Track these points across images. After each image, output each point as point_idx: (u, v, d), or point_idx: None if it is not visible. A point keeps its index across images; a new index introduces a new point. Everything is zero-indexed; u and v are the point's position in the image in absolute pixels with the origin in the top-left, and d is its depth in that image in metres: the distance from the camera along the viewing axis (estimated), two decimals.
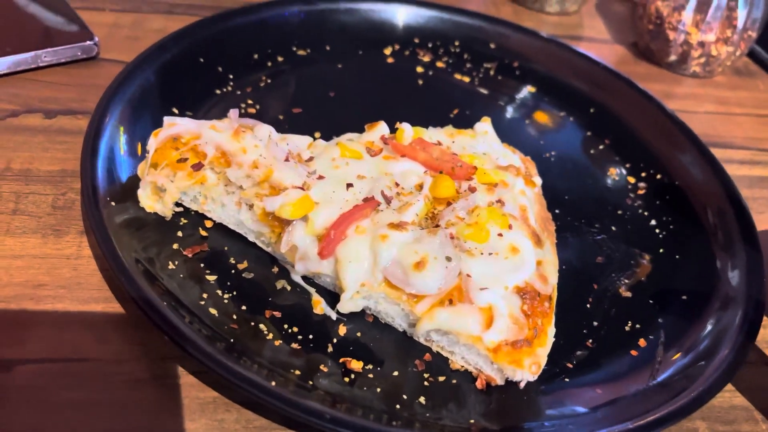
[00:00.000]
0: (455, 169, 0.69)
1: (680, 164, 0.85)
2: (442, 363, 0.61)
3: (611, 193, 0.84)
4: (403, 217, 0.63)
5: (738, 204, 0.77)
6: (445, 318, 0.59)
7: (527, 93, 0.98)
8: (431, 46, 1.01)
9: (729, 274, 0.70)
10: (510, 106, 0.95)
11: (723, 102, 1.09)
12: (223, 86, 0.86)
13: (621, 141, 0.90)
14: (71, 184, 0.71)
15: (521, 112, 0.95)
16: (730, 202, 0.78)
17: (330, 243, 0.61)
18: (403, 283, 0.59)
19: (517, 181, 0.70)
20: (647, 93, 0.93)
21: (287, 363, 0.57)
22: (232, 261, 0.66)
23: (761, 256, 0.71)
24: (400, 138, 0.72)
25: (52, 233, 0.66)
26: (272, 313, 0.61)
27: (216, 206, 0.68)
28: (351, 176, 0.67)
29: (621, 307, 0.69)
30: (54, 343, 0.57)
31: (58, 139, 0.76)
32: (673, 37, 1.09)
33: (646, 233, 0.79)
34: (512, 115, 0.94)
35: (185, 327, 0.55)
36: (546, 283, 0.62)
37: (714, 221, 0.77)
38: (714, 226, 0.76)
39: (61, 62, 0.86)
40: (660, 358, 0.64)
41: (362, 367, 0.59)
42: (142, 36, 0.95)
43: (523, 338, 0.58)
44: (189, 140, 0.67)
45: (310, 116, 0.86)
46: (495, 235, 0.63)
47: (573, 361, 0.63)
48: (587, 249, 0.75)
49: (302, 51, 0.95)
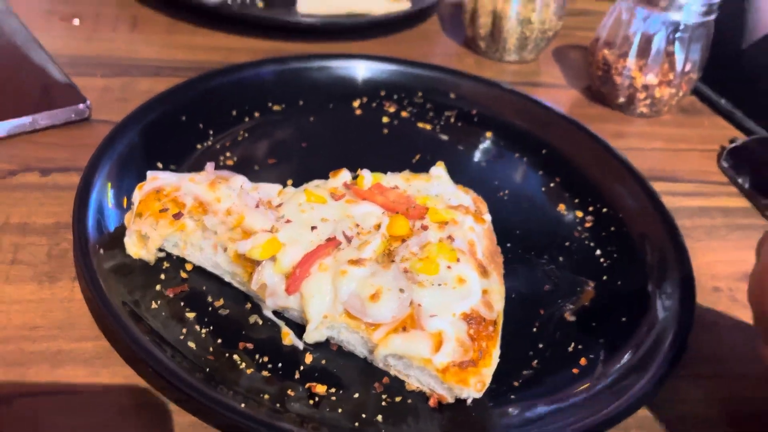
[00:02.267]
0: (409, 209, 0.76)
1: (623, 197, 0.93)
2: (399, 385, 0.68)
3: (561, 227, 0.91)
4: (361, 255, 0.71)
5: (672, 230, 0.84)
6: (399, 343, 0.65)
7: (485, 138, 1.06)
8: (396, 98, 1.10)
9: (662, 297, 0.77)
10: (468, 150, 1.04)
11: (670, 139, 1.18)
12: (204, 141, 0.95)
13: (570, 178, 0.98)
14: (65, 235, 0.78)
15: (479, 155, 1.03)
16: (667, 232, 0.85)
17: (296, 280, 0.68)
18: (361, 314, 0.67)
19: (467, 219, 0.78)
20: (593, 133, 1.02)
21: (259, 389, 0.64)
22: (210, 299, 0.73)
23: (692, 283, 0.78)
24: (361, 183, 0.80)
25: (47, 279, 0.73)
26: (245, 345, 0.68)
27: (195, 250, 0.75)
28: (315, 219, 0.75)
29: (565, 330, 0.76)
30: (50, 378, 0.63)
31: (52, 194, 0.84)
32: (619, 81, 1.18)
33: (591, 262, 0.86)
34: (470, 158, 1.03)
35: (167, 359, 0.62)
36: (491, 310, 0.70)
37: (651, 249, 0.84)
38: (651, 253, 0.84)
39: (56, 125, 0.95)
40: (598, 374, 0.70)
41: (326, 390, 0.65)
42: (131, 97, 1.04)
43: (468, 359, 0.65)
44: (170, 192, 0.75)
45: (283, 166, 0.94)
46: (444, 268, 0.71)
47: (519, 380, 0.70)
48: (536, 278, 0.82)
49: (277, 106, 1.04)
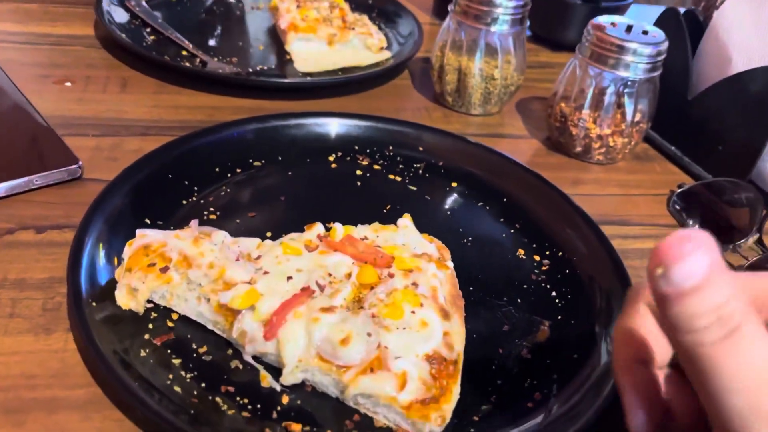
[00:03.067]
0: (377, 259, 0.84)
1: (577, 242, 1.01)
2: (369, 421, 0.74)
3: (519, 271, 0.99)
4: (333, 302, 0.77)
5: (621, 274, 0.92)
6: (367, 384, 0.72)
7: (450, 187, 1.14)
8: (369, 152, 1.18)
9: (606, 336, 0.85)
10: (435, 200, 1.11)
11: (623, 185, 1.27)
12: (189, 197, 1.01)
13: (529, 225, 1.06)
14: (59, 289, 0.84)
15: (445, 204, 1.11)
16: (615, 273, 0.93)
17: (273, 327, 0.75)
18: (333, 357, 0.73)
19: (430, 266, 0.85)
20: (549, 182, 1.10)
21: (240, 429, 0.70)
22: (194, 346, 0.79)
23: None
24: (333, 236, 0.87)
25: (42, 331, 0.79)
26: (227, 388, 0.74)
27: (180, 301, 0.81)
28: (291, 270, 0.81)
29: (522, 366, 0.83)
30: (46, 424, 0.69)
31: (48, 251, 0.90)
32: (576, 132, 1.28)
33: (547, 303, 0.93)
34: (436, 207, 1.10)
35: (155, 404, 0.67)
36: (451, 350, 0.76)
37: (599, 290, 0.92)
38: (599, 294, 0.91)
39: (50, 184, 1.01)
40: (551, 408, 0.77)
41: (301, 428, 0.71)
42: (120, 156, 1.10)
43: (430, 396, 0.71)
44: (157, 248, 0.82)
45: (262, 219, 1.01)
46: (408, 312, 0.77)
47: (479, 415, 0.76)
48: (495, 319, 0.89)
49: (258, 162, 1.12)
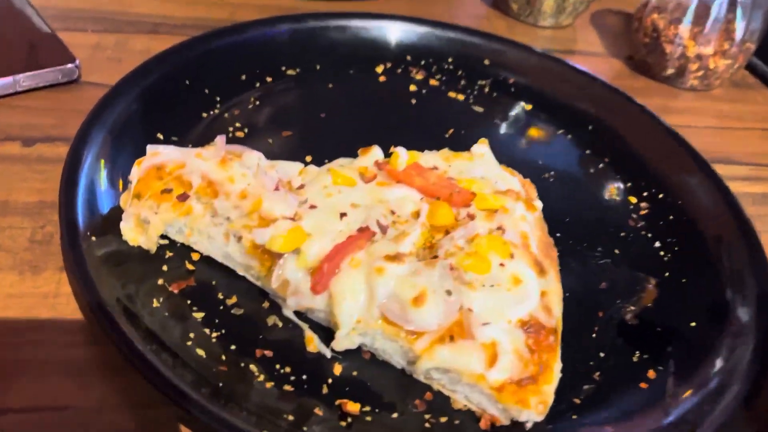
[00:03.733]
0: (453, 195, 0.66)
1: (684, 183, 0.82)
2: (444, 402, 0.58)
3: (613, 215, 0.81)
4: (399, 248, 0.60)
5: (746, 229, 0.74)
6: (446, 355, 0.55)
7: (523, 110, 0.95)
8: (424, 64, 0.98)
9: (739, 301, 0.67)
10: (506, 125, 0.93)
11: (722, 116, 1.07)
12: (210, 109, 0.83)
13: (621, 159, 0.88)
14: (50, 216, 0.67)
15: (517, 130, 0.92)
16: (738, 227, 0.74)
17: (323, 277, 0.58)
18: (402, 320, 0.56)
19: (518, 206, 0.67)
20: (646, 109, 0.91)
21: (279, 408, 0.54)
22: (221, 296, 0.62)
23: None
24: (395, 163, 0.69)
25: (29, 270, 0.62)
26: (263, 353, 0.58)
27: (202, 239, 0.64)
28: (344, 205, 0.64)
29: (627, 335, 0.66)
30: (34, 392, 0.53)
31: (36, 168, 0.73)
32: (669, 50, 1.07)
33: (650, 256, 0.76)
34: (508, 133, 0.91)
35: (169, 372, 0.51)
36: (551, 315, 0.60)
37: (721, 245, 0.74)
38: (721, 249, 0.73)
39: (41, 86, 0.83)
40: (671, 391, 0.61)
41: (360, 409, 0.55)
42: (125, 57, 0.92)
43: (528, 375, 0.55)
44: (173, 170, 0.64)
45: (300, 139, 0.83)
46: (496, 265, 0.60)
47: (580, 396, 0.60)
48: (590, 274, 0.72)
49: (291, 71, 0.92)
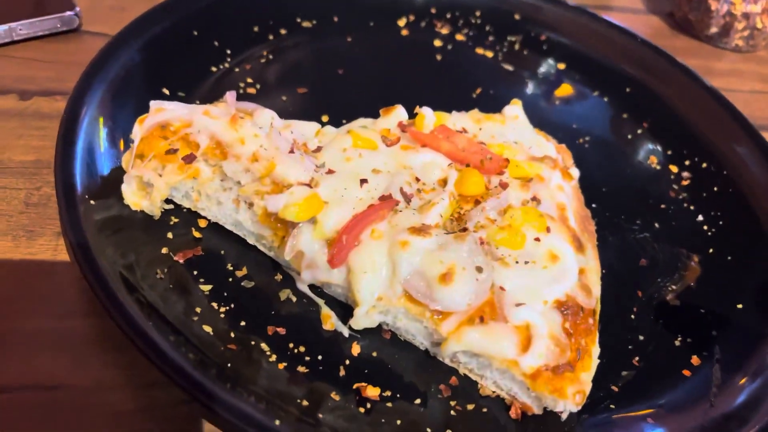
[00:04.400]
0: (484, 161, 0.60)
1: (730, 152, 0.76)
2: (471, 388, 0.54)
3: (653, 185, 0.75)
4: (425, 219, 0.55)
5: None
6: (475, 339, 0.51)
7: (556, 70, 0.88)
8: (450, 17, 0.92)
9: None
10: (538, 85, 0.86)
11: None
12: (220, 63, 0.77)
13: (661, 124, 0.82)
14: (47, 177, 0.63)
15: (550, 91, 0.86)
16: None
17: (342, 249, 0.53)
18: (427, 298, 0.52)
19: (554, 175, 0.62)
20: (690, 70, 0.84)
21: (291, 392, 0.50)
22: (230, 267, 0.58)
23: None
24: (420, 125, 0.63)
25: (24, 234, 0.58)
26: (275, 330, 0.54)
27: (211, 204, 0.59)
28: (365, 170, 0.59)
29: (669, 317, 0.62)
30: (25, 369, 0.49)
31: (33, 124, 0.68)
32: (715, 7, 0.99)
33: (693, 230, 0.70)
34: (540, 94, 0.85)
35: (172, 350, 0.47)
36: (590, 296, 0.54)
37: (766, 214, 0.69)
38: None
39: (38, 36, 0.78)
40: (717, 381, 0.56)
41: (379, 394, 0.51)
42: (128, 6, 0.86)
43: (565, 362, 0.50)
44: (179, 128, 0.59)
45: (316, 97, 0.77)
46: (531, 240, 0.55)
47: (618, 384, 0.56)
48: (629, 250, 0.67)
49: (307, 23, 0.86)
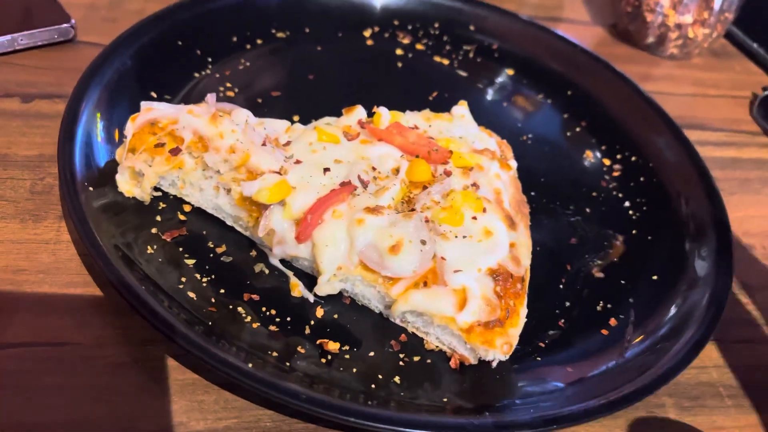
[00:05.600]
0: (431, 153, 0.70)
1: (655, 146, 0.86)
2: (417, 343, 0.63)
3: (587, 176, 0.85)
4: (379, 201, 0.64)
5: (710, 188, 0.79)
6: (419, 300, 0.60)
7: (506, 75, 0.98)
8: (411, 28, 1.01)
9: (698, 256, 0.72)
10: (489, 89, 0.96)
11: (699, 83, 1.11)
12: (202, 69, 0.86)
13: (597, 123, 0.91)
14: (49, 169, 0.71)
15: (500, 94, 0.96)
16: (703, 186, 0.79)
17: (307, 227, 0.62)
18: (379, 266, 0.61)
19: (493, 165, 0.71)
20: (624, 75, 0.94)
21: (265, 345, 0.58)
22: (211, 245, 0.66)
23: (730, 239, 0.73)
24: (378, 122, 0.72)
25: (30, 218, 0.66)
26: (250, 297, 0.62)
27: (194, 191, 0.68)
28: (328, 160, 0.68)
29: (593, 287, 0.71)
30: (34, 328, 0.57)
31: (35, 123, 0.76)
32: (651, 19, 1.10)
33: (619, 214, 0.80)
34: (491, 97, 0.95)
35: (164, 311, 0.55)
36: (519, 265, 0.64)
37: (686, 203, 0.78)
38: (685, 208, 0.78)
39: (38, 45, 0.85)
40: (629, 337, 0.66)
41: (339, 348, 0.60)
42: (120, 18, 0.94)
43: (495, 319, 0.59)
44: (166, 125, 0.67)
45: (288, 99, 0.86)
46: (469, 219, 0.64)
47: (545, 341, 0.65)
48: (562, 230, 0.77)
49: (281, 33, 0.95)
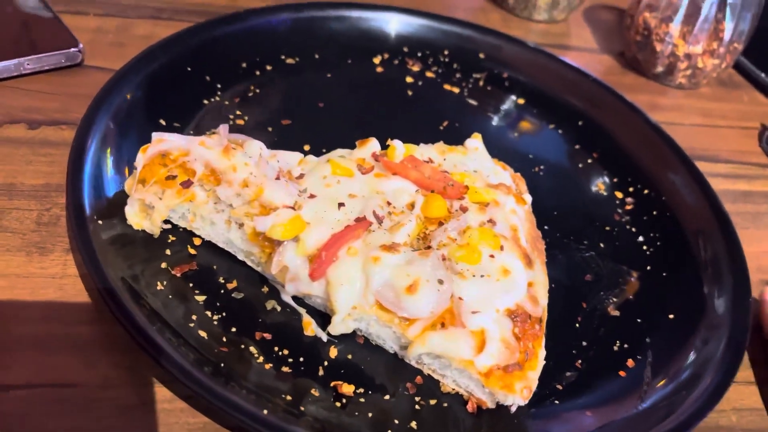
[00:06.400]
0: (447, 188, 0.68)
1: (668, 180, 0.86)
2: (433, 386, 0.61)
3: (599, 209, 0.84)
4: (394, 238, 0.63)
5: (725, 225, 0.78)
6: (437, 342, 0.58)
7: (516, 104, 0.98)
8: (420, 56, 1.01)
9: (715, 295, 0.71)
10: (499, 118, 0.95)
11: (708, 114, 1.10)
12: (211, 96, 0.85)
13: (609, 155, 0.91)
14: (56, 199, 0.69)
15: (510, 124, 0.95)
16: (718, 223, 0.78)
17: (321, 264, 0.61)
18: (396, 307, 0.59)
19: (508, 200, 0.70)
20: (635, 106, 0.94)
21: (277, 388, 0.57)
22: (221, 280, 0.65)
23: (747, 278, 0.72)
24: (392, 155, 0.71)
25: (36, 251, 0.64)
26: (262, 335, 0.61)
27: (205, 224, 0.67)
28: (342, 195, 0.66)
29: (609, 326, 0.70)
30: (40, 368, 0.56)
31: (41, 151, 0.74)
32: (660, 48, 1.10)
33: (633, 250, 0.79)
34: (501, 127, 0.94)
35: (173, 350, 0.54)
36: (537, 305, 0.63)
37: (701, 240, 0.78)
38: (700, 245, 0.77)
39: (45, 70, 0.84)
40: (648, 380, 0.64)
41: (353, 391, 0.58)
42: (127, 42, 0.93)
43: (514, 362, 0.58)
44: (178, 157, 0.66)
45: (299, 128, 0.85)
46: (487, 257, 0.63)
47: (563, 383, 0.64)
48: (576, 266, 0.76)
49: (291, 59, 0.94)
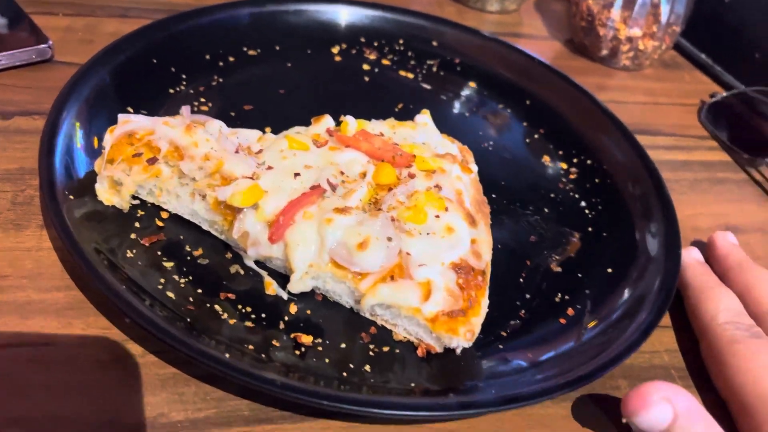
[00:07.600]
0: (396, 157, 0.74)
1: (608, 149, 0.92)
2: (386, 335, 0.66)
3: (545, 179, 0.90)
4: (347, 203, 0.68)
5: (657, 182, 0.84)
6: (387, 292, 0.64)
7: (468, 88, 1.04)
8: (377, 45, 1.06)
9: (649, 247, 0.77)
10: (452, 101, 1.01)
11: (651, 93, 1.17)
12: (177, 86, 0.90)
13: (554, 130, 0.97)
14: (30, 181, 0.74)
15: (463, 106, 1.01)
16: (651, 182, 0.85)
17: (279, 228, 0.66)
18: (348, 263, 0.64)
19: (454, 168, 0.76)
20: (578, 85, 1.00)
21: (242, 339, 0.62)
22: (188, 249, 0.70)
23: (677, 231, 0.78)
24: (345, 130, 0.77)
25: (12, 227, 0.69)
26: (227, 295, 0.66)
27: (171, 198, 0.71)
28: (298, 166, 0.71)
29: (551, 280, 0.76)
30: (20, 330, 0.60)
31: (15, 139, 0.79)
32: (603, 33, 1.16)
33: (576, 214, 0.85)
34: (454, 108, 1.00)
35: (145, 309, 0.59)
36: (480, 260, 0.68)
37: (636, 199, 0.84)
38: (635, 202, 0.83)
39: (16, 65, 0.89)
40: (585, 324, 0.70)
41: (312, 341, 0.63)
42: (96, 39, 0.98)
43: (458, 308, 0.63)
44: (143, 136, 0.71)
45: (260, 112, 0.90)
46: (432, 217, 0.69)
47: (507, 330, 0.69)
48: (521, 229, 0.81)
49: (252, 51, 1.00)
